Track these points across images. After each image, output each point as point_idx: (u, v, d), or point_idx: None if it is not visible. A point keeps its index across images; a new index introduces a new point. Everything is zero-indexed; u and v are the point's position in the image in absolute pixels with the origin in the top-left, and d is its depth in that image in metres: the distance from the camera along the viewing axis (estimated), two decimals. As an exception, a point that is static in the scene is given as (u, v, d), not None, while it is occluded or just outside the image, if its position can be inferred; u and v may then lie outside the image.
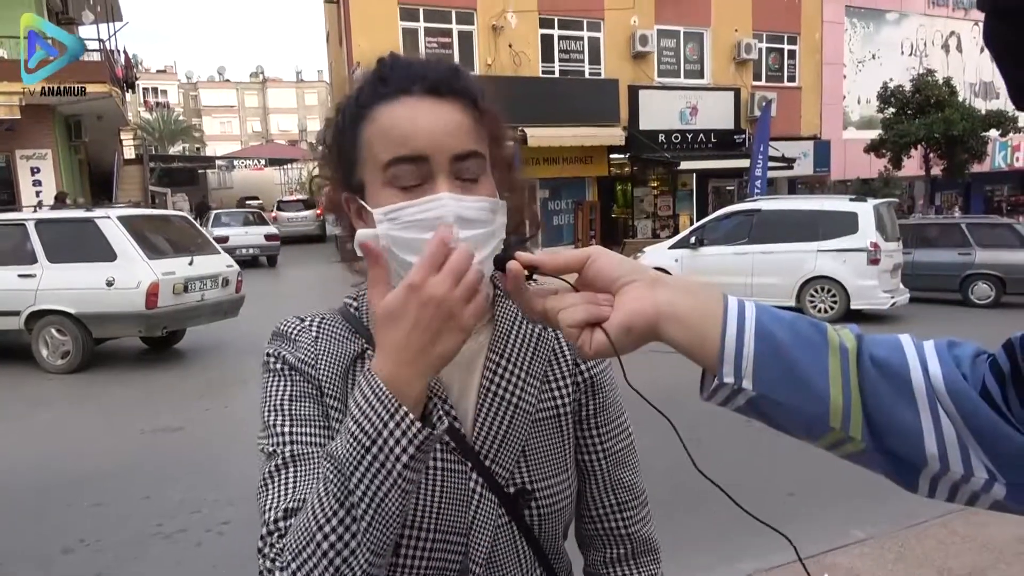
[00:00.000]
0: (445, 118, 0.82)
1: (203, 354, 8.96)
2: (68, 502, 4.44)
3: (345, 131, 0.86)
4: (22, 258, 7.96)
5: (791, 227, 10.95)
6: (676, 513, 4.01)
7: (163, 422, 6.09)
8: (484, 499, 0.86)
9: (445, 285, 0.67)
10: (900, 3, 24.80)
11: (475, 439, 0.87)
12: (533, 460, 0.89)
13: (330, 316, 0.93)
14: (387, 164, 0.80)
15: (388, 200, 0.80)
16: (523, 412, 0.89)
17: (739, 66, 21.80)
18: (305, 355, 0.88)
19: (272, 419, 0.85)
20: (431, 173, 0.80)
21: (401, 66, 0.85)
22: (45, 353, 7.93)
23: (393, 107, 0.82)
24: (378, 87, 0.84)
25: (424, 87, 0.82)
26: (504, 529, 0.88)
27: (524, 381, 0.90)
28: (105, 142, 19.46)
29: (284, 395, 0.86)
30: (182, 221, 9.72)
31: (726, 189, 22.19)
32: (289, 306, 12.54)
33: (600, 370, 0.98)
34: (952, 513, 3.93)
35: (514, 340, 0.92)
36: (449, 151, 0.80)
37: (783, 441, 3.20)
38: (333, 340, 0.90)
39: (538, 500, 0.89)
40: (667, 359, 1.52)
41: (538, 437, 0.90)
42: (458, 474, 0.86)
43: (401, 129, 0.81)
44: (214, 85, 75.83)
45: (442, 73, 0.84)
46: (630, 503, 0.98)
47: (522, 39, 18.81)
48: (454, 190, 0.79)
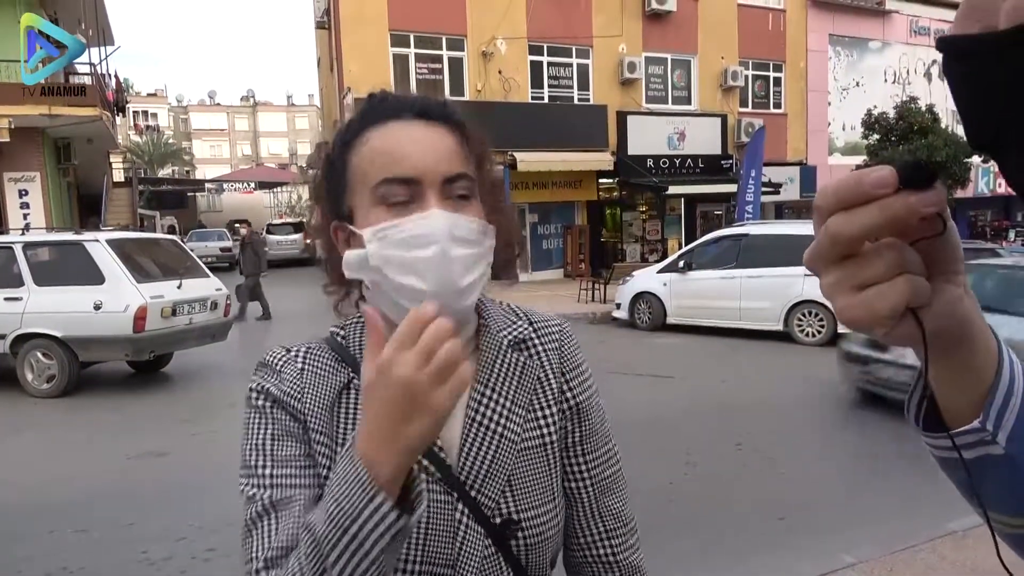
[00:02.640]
0: (435, 141, 0.83)
1: (190, 378, 8.88)
2: (51, 528, 4.37)
3: (335, 161, 0.87)
4: (9, 281, 7.90)
5: (779, 251, 11.02)
6: (663, 538, 3.99)
7: (149, 447, 6.02)
8: (470, 530, 0.85)
9: (412, 365, 0.64)
10: (883, 32, 25.27)
11: (461, 470, 0.86)
12: (519, 490, 0.89)
13: (316, 346, 0.92)
14: (378, 184, 0.81)
15: (378, 219, 0.81)
16: (508, 442, 0.89)
17: (726, 93, 22.09)
18: (290, 388, 0.87)
19: (253, 459, 0.84)
20: (422, 193, 0.81)
21: (392, 97, 0.88)
22: (30, 377, 7.84)
23: (383, 130, 0.84)
24: (368, 117, 0.86)
25: (413, 112, 0.85)
26: (491, 560, 0.86)
27: (509, 411, 0.90)
28: (94, 165, 19.42)
29: (266, 435, 0.85)
30: (171, 244, 9.69)
31: (714, 213, 22.35)
32: (279, 329, 12.49)
33: (586, 397, 0.97)
34: (941, 538, 3.94)
35: (499, 369, 0.91)
36: (440, 173, 0.82)
37: (774, 466, 3.24)
38: (319, 372, 0.89)
39: (524, 530, 0.88)
40: (656, 383, 1.54)
41: (524, 467, 0.90)
42: (444, 505, 0.85)
43: (392, 149, 0.82)
44: (204, 108, 75.94)
45: (431, 101, 0.87)
46: (618, 530, 0.97)
47: (512, 65, 19.00)
48: (445, 208, 0.80)
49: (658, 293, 12.03)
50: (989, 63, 0.41)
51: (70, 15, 17.62)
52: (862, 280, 0.45)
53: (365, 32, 17.48)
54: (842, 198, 0.44)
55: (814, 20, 23.82)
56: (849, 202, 0.44)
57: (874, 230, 0.44)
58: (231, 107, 76.95)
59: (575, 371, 0.97)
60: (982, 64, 0.41)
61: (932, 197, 0.44)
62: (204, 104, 76.81)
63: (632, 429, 6.17)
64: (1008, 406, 0.53)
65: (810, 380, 8.34)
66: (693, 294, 11.66)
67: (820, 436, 6.18)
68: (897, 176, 0.43)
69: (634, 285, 12.48)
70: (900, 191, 0.43)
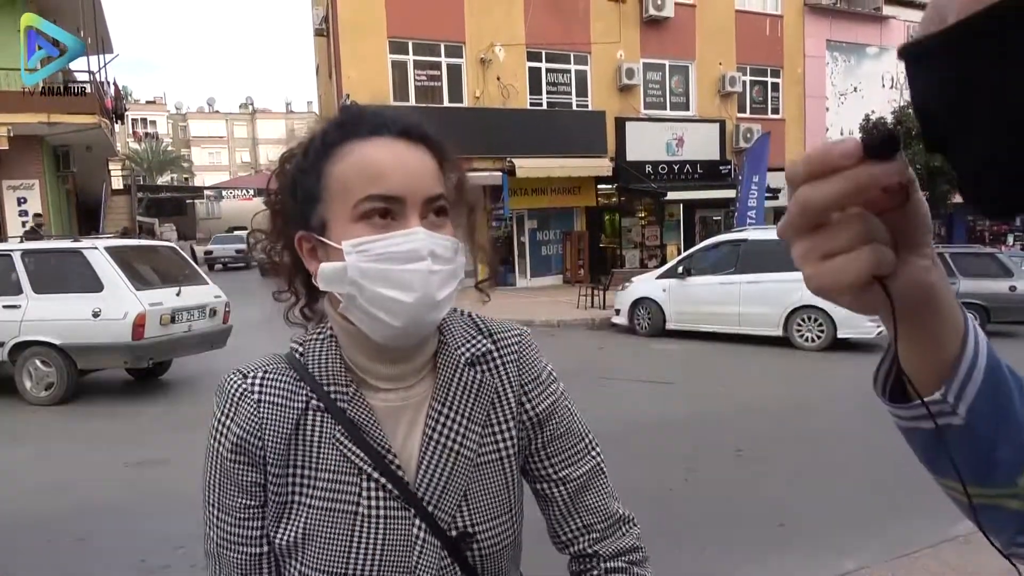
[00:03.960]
0: (418, 161, 0.86)
1: (189, 385, 8.86)
2: (49, 537, 4.35)
3: (308, 170, 0.87)
4: (7, 289, 7.89)
5: (778, 257, 11.01)
6: (663, 544, 3.98)
7: (148, 454, 6.00)
8: (427, 544, 0.88)
9: None
10: (880, 38, 25.35)
11: (418, 487, 0.89)
12: (475, 503, 0.91)
13: (273, 366, 0.93)
14: (362, 199, 0.83)
15: (357, 234, 0.83)
16: (464, 458, 0.91)
17: (724, 98, 22.15)
18: (249, 424, 0.88)
19: (210, 497, 0.91)
20: (404, 212, 0.83)
21: (371, 112, 0.89)
22: (29, 385, 7.82)
23: (366, 145, 0.85)
24: (348, 128, 0.87)
25: (396, 130, 0.86)
26: (447, 571, 0.89)
27: (465, 428, 0.92)
28: (93, 172, 19.44)
29: (215, 478, 0.90)
30: (170, 251, 9.68)
31: (713, 219, 22.39)
32: (269, 334, 12.42)
33: (548, 404, 0.98)
34: (944, 543, 3.93)
35: (456, 387, 0.94)
36: (422, 193, 0.84)
37: (774, 471, 3.24)
38: (276, 400, 0.90)
39: (480, 542, 0.91)
40: (655, 389, 1.52)
41: (480, 481, 0.92)
42: (401, 520, 0.88)
43: (377, 166, 0.83)
44: (203, 116, 76.00)
45: (412, 119, 0.88)
46: (596, 525, 0.98)
47: (510, 72, 19.04)
48: (424, 226, 0.84)
49: (657, 299, 12.02)
50: (939, 60, 0.41)
51: (69, 23, 17.62)
52: (828, 249, 0.46)
53: (364, 39, 17.52)
54: (811, 169, 0.45)
55: (811, 26, 23.91)
56: (818, 173, 0.45)
57: (840, 200, 0.45)
58: (230, 114, 76.99)
59: (533, 382, 0.98)
60: (932, 62, 0.42)
61: (894, 167, 0.44)
62: (203, 111, 76.87)
63: (632, 435, 6.15)
64: (971, 379, 0.54)
65: (810, 385, 8.33)
66: (692, 300, 11.66)
67: (820, 441, 6.17)
68: (862, 147, 0.44)
69: (633, 291, 12.49)
70: (865, 162, 0.44)
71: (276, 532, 0.89)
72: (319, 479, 0.88)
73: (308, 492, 0.88)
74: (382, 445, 0.89)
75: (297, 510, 0.88)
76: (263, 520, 0.90)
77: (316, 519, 0.87)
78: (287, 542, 0.88)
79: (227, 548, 0.90)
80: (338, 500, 0.87)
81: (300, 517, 0.88)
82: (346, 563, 0.86)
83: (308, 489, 0.88)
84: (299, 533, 0.87)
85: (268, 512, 0.89)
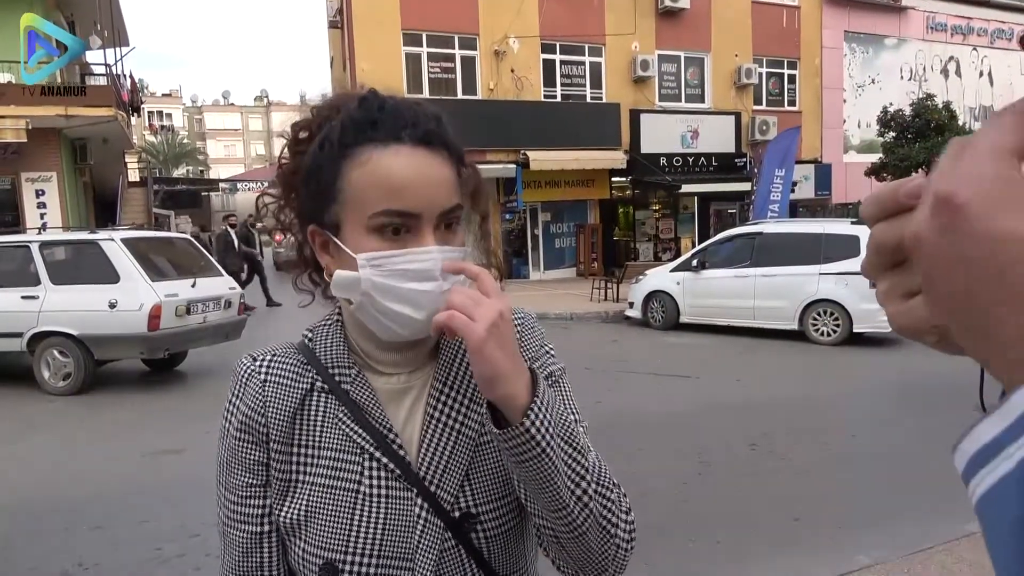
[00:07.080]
0: (436, 173, 0.85)
1: (204, 376, 8.94)
2: (66, 525, 4.41)
3: (323, 166, 0.86)
4: (26, 280, 7.98)
5: (793, 250, 10.95)
6: (677, 538, 3.97)
7: (163, 444, 6.06)
8: (429, 524, 0.88)
9: None
10: (898, 29, 25.03)
11: (420, 466, 0.89)
12: (477, 484, 0.91)
13: (283, 352, 0.96)
14: (377, 213, 0.83)
15: (371, 247, 0.83)
16: (466, 438, 0.91)
17: (740, 90, 21.97)
18: (253, 402, 0.91)
19: (220, 476, 0.94)
20: (418, 227, 0.84)
21: (390, 110, 0.86)
22: (47, 375, 7.92)
23: (384, 154, 0.83)
24: (367, 129, 0.85)
25: (415, 136, 0.84)
26: (450, 553, 0.89)
27: (467, 407, 0.93)
28: (110, 165, 19.58)
29: (225, 459, 0.93)
30: (185, 243, 9.75)
31: (728, 212, 22.25)
32: (286, 327, 12.50)
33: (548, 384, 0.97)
34: (958, 539, 3.89)
35: (457, 368, 0.95)
36: (438, 207, 0.84)
37: (789, 466, 3.21)
38: (281, 382, 0.92)
39: (483, 523, 0.90)
40: (669, 382, 1.50)
41: (482, 461, 0.92)
42: (403, 501, 0.88)
43: (394, 181, 0.82)
44: (219, 109, 76.46)
45: (431, 123, 0.86)
46: None
47: (524, 64, 18.98)
48: (438, 241, 0.84)
49: (671, 292, 11.97)
50: None
51: (86, 17, 17.78)
52: (909, 288, 0.43)
53: (378, 31, 17.52)
54: (883, 207, 0.44)
55: (829, 17, 23.63)
56: (889, 211, 0.43)
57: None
58: (245, 107, 77.41)
59: (531, 360, 0.95)
60: None
61: None
62: (218, 104, 77.34)
63: (646, 429, 6.14)
64: None
65: (825, 380, 8.28)
66: (707, 293, 11.60)
67: (835, 436, 6.13)
68: None
69: (647, 284, 12.43)
70: None
71: (280, 511, 0.90)
72: (321, 457, 0.90)
73: (311, 471, 0.90)
74: (384, 425, 0.90)
75: (300, 488, 0.90)
76: (265, 499, 0.91)
77: (318, 497, 0.89)
78: (291, 520, 0.89)
79: (231, 526, 0.92)
80: (340, 479, 0.88)
81: (303, 496, 0.89)
82: (347, 542, 0.86)
83: (311, 467, 0.90)
84: (302, 512, 0.89)
85: (271, 491, 0.91)
